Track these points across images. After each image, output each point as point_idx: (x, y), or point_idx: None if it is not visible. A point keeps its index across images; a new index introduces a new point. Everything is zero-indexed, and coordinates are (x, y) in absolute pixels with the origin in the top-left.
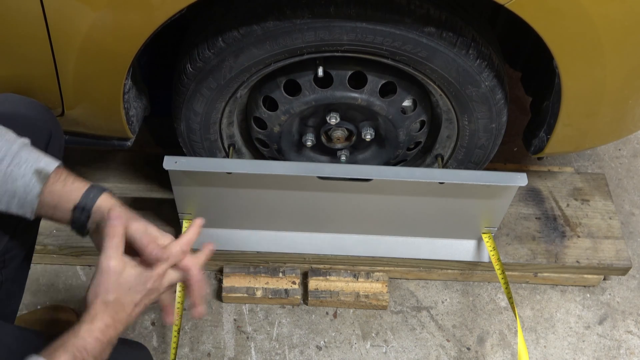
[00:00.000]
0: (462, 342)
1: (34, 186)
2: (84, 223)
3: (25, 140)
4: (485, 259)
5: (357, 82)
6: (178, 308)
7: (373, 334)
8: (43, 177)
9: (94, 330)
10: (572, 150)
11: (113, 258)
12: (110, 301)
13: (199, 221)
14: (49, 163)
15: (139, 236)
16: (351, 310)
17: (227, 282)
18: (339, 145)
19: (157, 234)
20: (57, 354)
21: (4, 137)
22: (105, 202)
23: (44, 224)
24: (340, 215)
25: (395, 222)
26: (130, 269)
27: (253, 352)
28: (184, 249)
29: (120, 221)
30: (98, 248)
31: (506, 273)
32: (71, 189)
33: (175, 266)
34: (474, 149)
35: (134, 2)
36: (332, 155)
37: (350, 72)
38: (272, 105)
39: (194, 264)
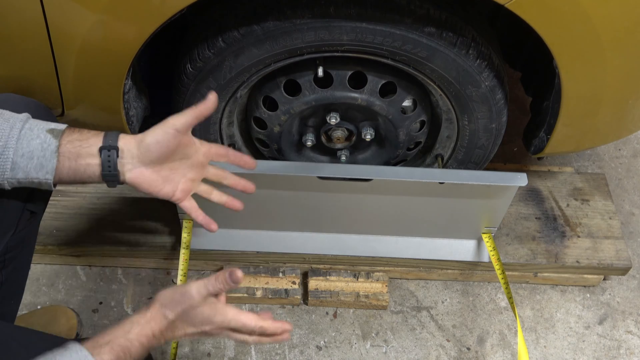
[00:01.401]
0: (462, 342)
1: (51, 142)
2: (115, 163)
3: (28, 114)
4: (485, 259)
5: (357, 82)
6: None
7: (373, 334)
8: (57, 133)
9: (142, 336)
10: (572, 150)
11: (201, 293)
12: (168, 318)
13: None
14: (59, 124)
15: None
16: (351, 310)
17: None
18: (339, 145)
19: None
20: (103, 350)
21: (7, 112)
22: (127, 138)
23: (44, 224)
24: (340, 215)
25: (395, 222)
26: (204, 308)
27: (253, 352)
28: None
29: (234, 283)
30: (142, 186)
31: (506, 273)
32: (88, 136)
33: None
34: (474, 149)
35: (134, 2)
36: (332, 155)
37: (350, 72)
38: (272, 105)
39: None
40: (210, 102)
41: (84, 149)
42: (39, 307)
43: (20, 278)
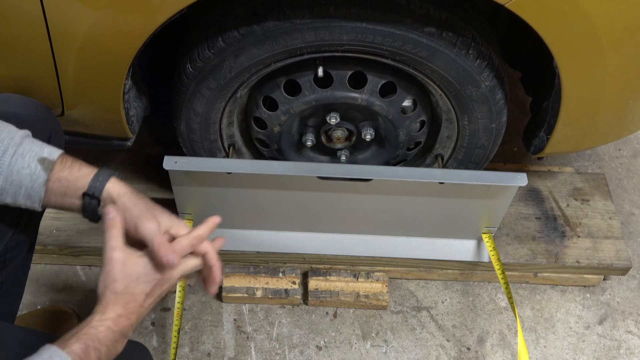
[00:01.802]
0: (462, 342)
1: (40, 174)
2: (94, 209)
3: (26, 132)
4: (485, 259)
5: (357, 82)
6: (178, 308)
7: (373, 334)
8: (47, 165)
9: (106, 320)
10: (572, 150)
11: (116, 249)
12: (119, 291)
13: (215, 219)
14: (52, 152)
15: (149, 238)
16: (351, 310)
17: (227, 282)
18: (339, 145)
19: (169, 223)
20: (70, 342)
21: (4, 129)
22: (113, 187)
23: (44, 224)
24: (340, 215)
25: (395, 222)
26: (136, 259)
27: (253, 352)
28: (194, 243)
29: (115, 214)
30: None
31: (506, 273)
32: (78, 176)
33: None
34: (474, 149)
35: (134, 2)
36: (332, 155)
37: (350, 72)
38: (272, 105)
39: (211, 249)
40: (114, 217)
41: (70, 190)
42: (39, 307)
43: (20, 278)
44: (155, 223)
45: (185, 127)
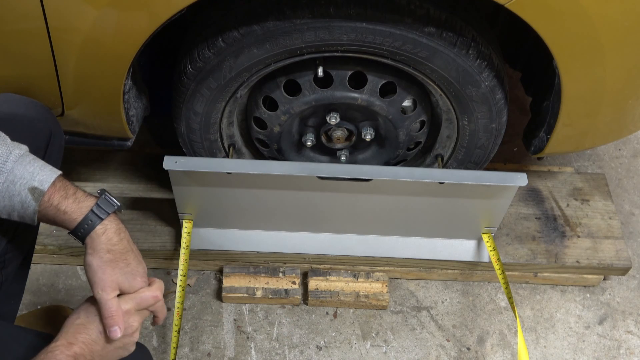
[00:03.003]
0: (462, 342)
1: (30, 204)
2: (82, 241)
3: (20, 151)
4: (485, 259)
5: (357, 82)
6: (178, 308)
7: (373, 334)
8: (38, 195)
9: (60, 347)
10: (572, 150)
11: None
12: (76, 351)
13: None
14: (43, 181)
15: (102, 305)
16: (351, 310)
17: (227, 282)
18: (339, 145)
19: (133, 285)
20: None
21: None
22: (93, 240)
23: (44, 224)
24: (340, 215)
25: (395, 222)
26: (91, 326)
27: (253, 352)
28: (138, 303)
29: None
30: (86, 271)
31: (506, 273)
32: (64, 219)
33: None
34: (474, 149)
35: (134, 2)
36: (332, 155)
37: (350, 72)
38: (272, 105)
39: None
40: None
41: (59, 220)
42: (39, 307)
43: (20, 278)
44: (109, 293)
45: (185, 127)
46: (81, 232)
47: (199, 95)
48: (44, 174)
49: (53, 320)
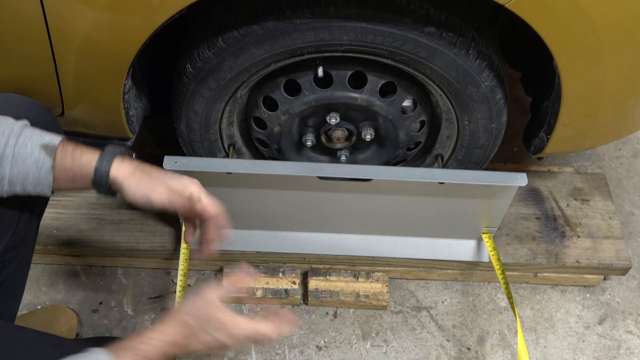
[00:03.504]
0: (462, 342)
1: (45, 161)
2: (107, 190)
3: (25, 122)
4: (485, 259)
5: (357, 82)
6: None
7: (373, 334)
8: (51, 150)
9: (160, 340)
10: (572, 150)
11: (215, 291)
12: (185, 323)
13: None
14: (53, 138)
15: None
16: (351, 310)
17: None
18: (339, 145)
19: (181, 187)
20: (121, 353)
21: (3, 122)
22: (117, 170)
23: (44, 224)
24: (340, 215)
25: (395, 222)
26: (223, 315)
27: (253, 352)
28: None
29: (250, 279)
30: (130, 200)
31: (506, 273)
32: (81, 164)
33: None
34: (474, 149)
35: (134, 2)
36: (332, 155)
37: (350, 72)
38: (272, 105)
39: (218, 211)
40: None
41: (78, 177)
42: (39, 307)
43: (20, 278)
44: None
45: (185, 127)
46: (103, 167)
47: (199, 95)
48: (51, 134)
49: (53, 320)
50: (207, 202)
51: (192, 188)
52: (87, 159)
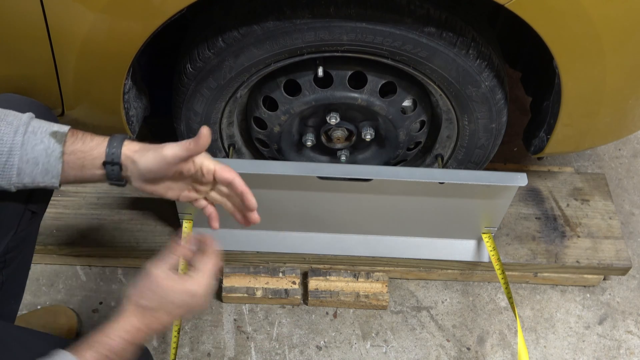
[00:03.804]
0: (462, 342)
1: (55, 147)
2: (118, 175)
3: (31, 114)
4: (485, 259)
5: (357, 82)
6: None
7: (373, 334)
8: (60, 137)
9: (120, 330)
10: (572, 150)
11: (159, 268)
12: (142, 305)
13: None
14: (62, 126)
15: (230, 179)
16: (351, 310)
17: (227, 282)
18: (339, 145)
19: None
20: (84, 352)
21: (10, 113)
22: (129, 149)
23: (44, 224)
24: (340, 215)
25: (395, 222)
26: (172, 282)
27: (253, 352)
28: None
29: (183, 245)
30: (147, 191)
31: (506, 273)
32: (92, 146)
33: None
34: (474, 149)
35: (134, 2)
36: (332, 155)
37: (350, 72)
38: (272, 105)
39: (234, 175)
40: (204, 137)
41: (88, 161)
42: (39, 307)
43: (20, 278)
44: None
45: (185, 127)
46: (114, 146)
47: (199, 95)
48: (59, 124)
49: (53, 320)
50: (221, 167)
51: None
52: (97, 141)
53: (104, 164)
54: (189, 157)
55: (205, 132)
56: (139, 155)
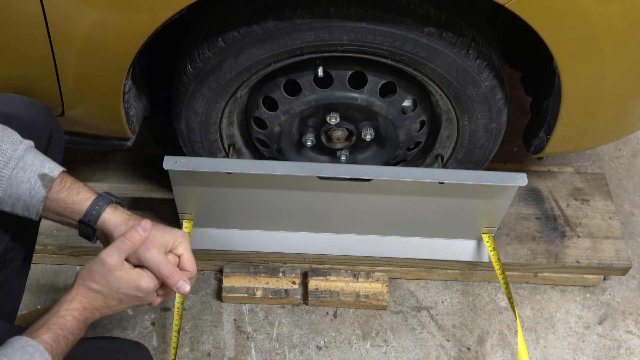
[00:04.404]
0: (462, 342)
1: (39, 190)
2: (90, 235)
3: (30, 143)
4: (485, 259)
5: (357, 82)
6: (178, 308)
7: (373, 334)
8: (47, 182)
9: (72, 310)
10: (572, 150)
11: (114, 256)
12: (93, 289)
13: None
14: (53, 169)
15: (155, 268)
16: (351, 310)
17: (227, 282)
18: (339, 145)
19: (170, 240)
20: (40, 332)
21: (9, 139)
22: (110, 217)
23: (44, 224)
24: (340, 215)
25: (395, 222)
26: (124, 273)
27: (253, 352)
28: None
29: (143, 235)
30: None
31: (506, 273)
32: (75, 200)
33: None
34: (474, 149)
35: (134, 2)
36: (332, 155)
37: (350, 72)
38: (272, 105)
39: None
40: (139, 235)
41: (67, 213)
42: (39, 307)
43: (20, 278)
44: (156, 250)
45: (185, 127)
46: (92, 216)
47: (199, 95)
48: (52, 164)
49: None
50: (188, 258)
51: (183, 243)
52: (82, 197)
53: (80, 221)
54: (132, 253)
55: (146, 226)
56: (119, 233)
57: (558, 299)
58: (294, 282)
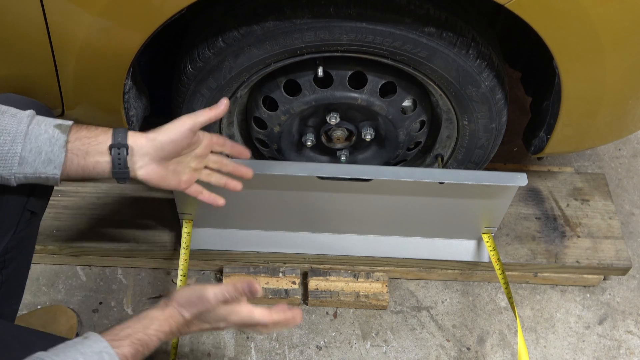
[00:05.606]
0: (462, 342)
1: (59, 137)
2: (125, 161)
3: (33, 111)
4: (485, 259)
5: (357, 82)
6: None
7: (373, 334)
8: (64, 128)
9: (160, 332)
10: (572, 150)
11: (217, 299)
12: (185, 318)
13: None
14: (65, 120)
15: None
16: (351, 310)
17: (227, 282)
18: (339, 145)
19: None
20: (123, 343)
21: (13, 109)
22: (137, 133)
23: (44, 224)
24: (340, 215)
25: (395, 222)
26: (220, 310)
27: (253, 352)
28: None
29: (242, 289)
30: (151, 182)
31: (506, 273)
32: (97, 133)
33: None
34: (474, 149)
35: (134, 2)
36: (332, 155)
37: (350, 72)
38: (272, 105)
39: (225, 138)
40: (223, 105)
41: (93, 147)
42: (39, 307)
43: (20, 278)
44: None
45: None
46: (120, 136)
47: (199, 95)
48: (61, 119)
49: (53, 320)
50: (214, 134)
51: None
52: (102, 129)
53: (110, 147)
54: (209, 122)
55: (225, 101)
56: (155, 133)
57: (558, 299)
58: (294, 282)
